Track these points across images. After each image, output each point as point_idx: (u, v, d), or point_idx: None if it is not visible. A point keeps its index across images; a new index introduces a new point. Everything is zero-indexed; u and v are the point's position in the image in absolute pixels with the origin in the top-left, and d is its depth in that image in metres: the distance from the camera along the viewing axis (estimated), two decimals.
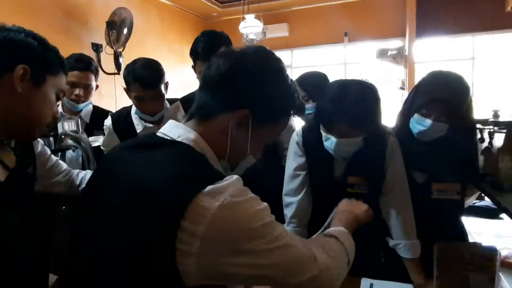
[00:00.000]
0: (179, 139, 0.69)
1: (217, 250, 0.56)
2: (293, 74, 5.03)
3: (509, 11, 4.59)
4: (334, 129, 1.18)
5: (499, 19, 4.66)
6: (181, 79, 5.66)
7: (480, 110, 1.33)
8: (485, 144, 1.30)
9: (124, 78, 1.61)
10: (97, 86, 1.98)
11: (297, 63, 6.04)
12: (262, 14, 4.88)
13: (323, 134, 1.22)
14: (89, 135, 1.79)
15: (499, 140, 1.26)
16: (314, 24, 5.77)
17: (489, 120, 1.22)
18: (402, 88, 5.02)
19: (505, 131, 1.19)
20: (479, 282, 1.06)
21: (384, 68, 5.39)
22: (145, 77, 1.53)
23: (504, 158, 1.17)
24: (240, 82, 0.71)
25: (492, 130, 1.25)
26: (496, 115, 1.26)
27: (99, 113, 1.96)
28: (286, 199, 1.37)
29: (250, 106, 0.70)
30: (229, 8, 5.69)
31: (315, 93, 1.76)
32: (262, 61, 0.74)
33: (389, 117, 1.50)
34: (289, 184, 1.36)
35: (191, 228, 0.54)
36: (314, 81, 1.83)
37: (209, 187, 0.57)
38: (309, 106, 1.75)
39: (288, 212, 1.36)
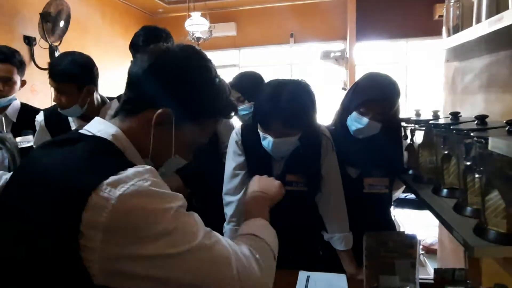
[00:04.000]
0: (98, 134, 0.67)
1: (119, 241, 0.53)
2: None
3: (437, 19, 5.01)
4: (271, 129, 1.21)
5: (429, 26, 5.06)
6: (125, 76, 5.43)
7: (412, 111, 1.44)
8: (408, 140, 1.42)
9: None
10: (24, 82, 1.84)
11: (244, 62, 6.08)
12: (209, 12, 4.84)
13: (261, 133, 1.25)
14: (16, 135, 1.66)
15: (420, 137, 1.38)
16: (261, 25, 5.84)
17: (411, 118, 1.33)
18: (344, 89, 5.26)
19: (424, 128, 1.30)
20: (402, 268, 1.15)
21: (328, 69, 5.61)
22: (53, 68, 1.49)
23: (423, 153, 1.29)
24: (160, 79, 0.70)
25: (413, 128, 1.37)
26: (417, 114, 1.38)
27: (28, 112, 1.82)
28: (226, 198, 1.38)
29: (171, 104, 0.69)
30: (176, 5, 5.57)
31: (250, 93, 1.74)
32: (185, 59, 0.73)
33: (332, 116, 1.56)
34: (228, 184, 1.37)
35: (93, 221, 0.52)
36: (249, 82, 1.80)
37: (111, 178, 0.54)
38: (245, 107, 1.76)
39: (228, 211, 1.37)
